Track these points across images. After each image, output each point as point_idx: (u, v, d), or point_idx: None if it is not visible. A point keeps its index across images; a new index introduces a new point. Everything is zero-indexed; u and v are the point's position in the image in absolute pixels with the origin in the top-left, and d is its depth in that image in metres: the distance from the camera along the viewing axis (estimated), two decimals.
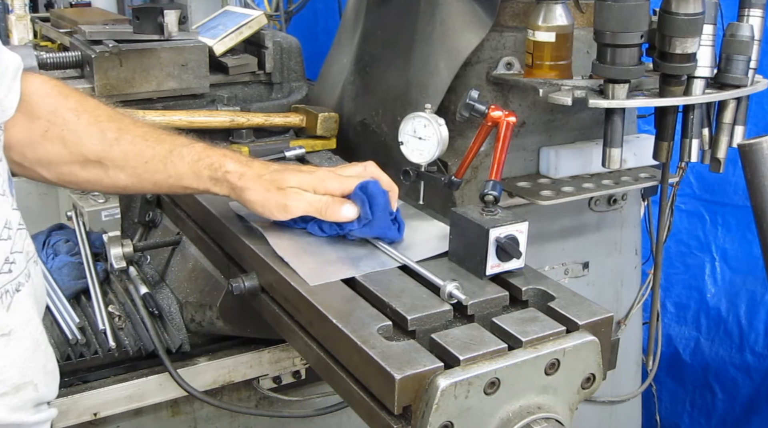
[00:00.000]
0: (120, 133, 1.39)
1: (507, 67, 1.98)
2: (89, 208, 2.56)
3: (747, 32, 1.80)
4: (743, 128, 1.93)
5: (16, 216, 1.17)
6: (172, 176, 1.40)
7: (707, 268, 3.28)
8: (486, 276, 1.30)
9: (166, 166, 1.40)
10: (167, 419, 1.79)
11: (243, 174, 1.39)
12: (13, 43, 3.43)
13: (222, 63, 2.33)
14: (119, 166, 1.39)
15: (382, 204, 1.40)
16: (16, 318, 1.14)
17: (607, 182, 2.06)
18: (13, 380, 1.14)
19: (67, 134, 1.35)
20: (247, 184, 1.38)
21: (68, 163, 1.37)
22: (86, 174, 1.39)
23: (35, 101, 1.31)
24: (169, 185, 1.42)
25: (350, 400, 1.20)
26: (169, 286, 1.82)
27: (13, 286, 1.14)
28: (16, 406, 1.15)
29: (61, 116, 1.34)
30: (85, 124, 1.36)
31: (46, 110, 1.33)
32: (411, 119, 1.68)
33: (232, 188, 1.40)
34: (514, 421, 1.10)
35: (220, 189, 1.41)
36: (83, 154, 1.37)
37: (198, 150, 1.42)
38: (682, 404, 3.37)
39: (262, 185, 1.38)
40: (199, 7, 3.34)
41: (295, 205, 1.38)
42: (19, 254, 1.16)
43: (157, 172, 1.40)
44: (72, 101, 1.37)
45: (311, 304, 1.26)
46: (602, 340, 1.17)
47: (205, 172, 1.40)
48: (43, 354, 1.21)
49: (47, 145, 1.34)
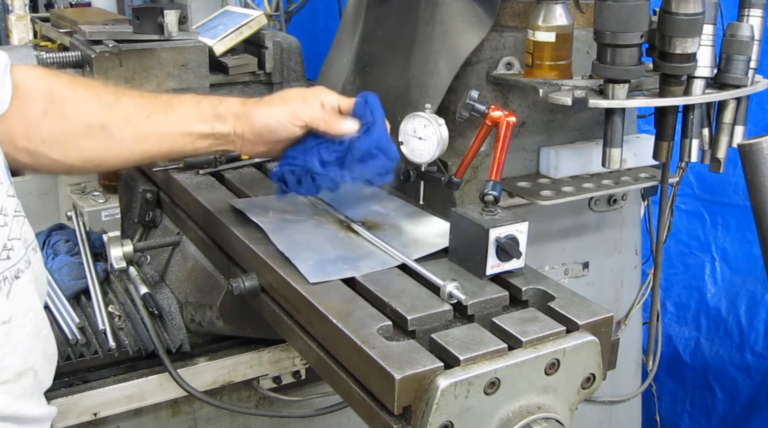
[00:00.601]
0: (116, 95, 1.42)
1: (507, 67, 1.98)
2: (89, 208, 2.56)
3: (747, 32, 1.80)
4: (743, 128, 1.93)
5: (11, 202, 1.17)
6: (176, 123, 1.42)
7: (707, 268, 3.28)
8: (486, 276, 1.30)
9: (168, 114, 1.42)
10: (167, 419, 1.79)
11: (244, 102, 1.45)
12: (13, 43, 3.43)
13: (222, 63, 2.34)
14: (122, 126, 1.40)
15: (382, 114, 1.44)
16: (17, 306, 1.14)
17: (607, 182, 2.06)
18: (14, 367, 1.14)
19: (67, 107, 1.36)
20: (250, 107, 1.44)
21: (73, 136, 1.37)
22: (93, 143, 1.39)
23: (28, 86, 1.32)
24: (174, 135, 1.43)
25: (350, 400, 1.20)
26: (169, 286, 1.82)
27: (12, 273, 1.14)
28: (18, 394, 1.16)
29: (57, 93, 1.36)
30: (82, 94, 1.39)
31: (41, 91, 1.34)
32: (411, 119, 1.68)
33: (237, 117, 1.43)
34: (514, 421, 1.10)
35: (224, 125, 1.44)
36: (86, 121, 1.38)
37: (196, 95, 1.49)
38: (682, 404, 3.37)
39: (265, 103, 1.46)
40: (199, 7, 3.34)
41: (302, 108, 1.43)
42: (17, 241, 1.16)
43: (160, 123, 1.42)
44: (64, 79, 1.41)
45: (311, 304, 1.26)
46: (602, 340, 1.17)
47: (208, 111, 1.43)
48: (43, 340, 1.22)
49: (49, 123, 1.35)
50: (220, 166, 1.87)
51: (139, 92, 1.47)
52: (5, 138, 1.27)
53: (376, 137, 1.43)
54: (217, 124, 1.43)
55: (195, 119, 1.43)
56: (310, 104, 1.45)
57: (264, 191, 1.73)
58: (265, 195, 1.70)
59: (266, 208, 1.59)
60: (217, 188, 1.78)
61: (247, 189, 1.76)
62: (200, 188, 1.76)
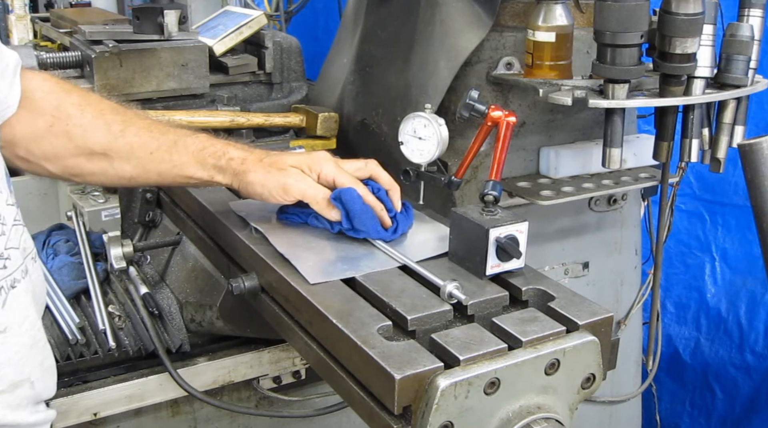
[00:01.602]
0: (124, 124, 1.41)
1: (507, 67, 1.98)
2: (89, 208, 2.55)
3: (747, 32, 1.80)
4: (743, 128, 1.93)
5: (10, 211, 1.16)
6: (177, 166, 1.43)
7: (707, 268, 3.28)
8: (486, 276, 1.30)
9: (171, 155, 1.42)
10: (167, 419, 1.79)
11: (245, 159, 1.44)
12: (13, 43, 3.43)
13: (222, 63, 2.34)
14: (124, 158, 1.41)
15: (359, 210, 1.40)
16: (12, 315, 1.14)
17: (607, 182, 2.06)
18: (9, 377, 1.14)
19: (72, 128, 1.36)
20: (248, 168, 1.42)
21: (74, 156, 1.38)
22: (91, 166, 1.40)
23: (38, 98, 1.32)
24: (173, 175, 1.44)
25: (350, 400, 1.20)
26: (169, 286, 1.82)
27: (9, 282, 1.13)
28: (13, 404, 1.15)
29: (65, 111, 1.36)
30: (90, 118, 1.38)
31: (49, 106, 1.34)
32: (411, 119, 1.68)
33: (235, 174, 1.43)
34: (514, 421, 1.10)
35: (223, 177, 1.44)
36: (89, 146, 1.38)
37: (202, 139, 1.46)
38: (682, 404, 3.37)
39: (262, 167, 1.42)
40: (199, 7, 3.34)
41: (293, 184, 1.41)
42: (15, 250, 1.15)
43: (162, 162, 1.42)
44: (75, 96, 1.39)
45: (311, 304, 1.26)
46: (602, 340, 1.17)
47: (210, 160, 1.43)
48: (40, 351, 1.21)
49: (52, 140, 1.35)
50: None
51: (148, 123, 1.45)
52: (6, 144, 1.27)
53: (362, 235, 1.43)
54: (216, 175, 1.44)
55: (196, 166, 1.43)
56: (304, 180, 1.42)
57: None
58: None
59: (265, 209, 1.59)
60: (217, 188, 1.78)
61: None
62: (200, 188, 1.76)
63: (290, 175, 1.41)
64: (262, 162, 1.43)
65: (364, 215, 1.41)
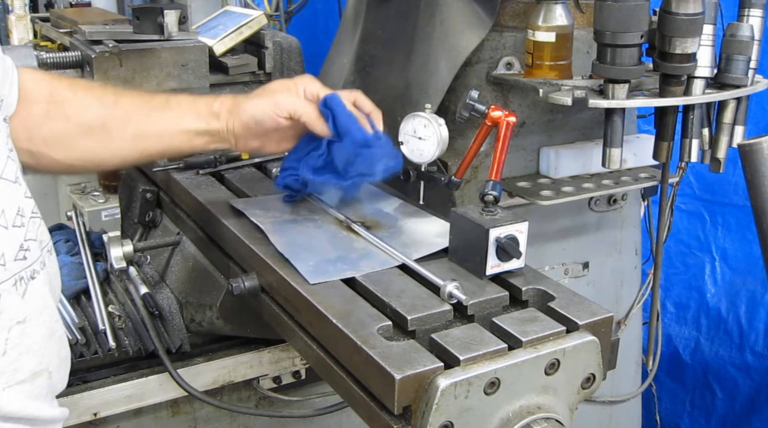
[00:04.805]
0: (116, 95, 1.47)
1: (507, 67, 1.98)
2: (89, 208, 2.56)
3: (747, 32, 1.80)
4: (743, 128, 1.92)
5: (29, 204, 1.19)
6: (173, 122, 1.48)
7: (707, 268, 3.28)
8: (486, 276, 1.30)
9: (166, 112, 1.48)
10: (167, 419, 1.79)
11: (235, 98, 1.52)
12: (13, 43, 3.43)
13: (222, 63, 2.34)
14: (122, 125, 1.44)
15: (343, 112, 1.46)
16: (32, 306, 1.16)
17: (607, 182, 2.06)
18: (29, 367, 1.15)
19: (68, 108, 1.40)
20: (240, 101, 1.50)
21: (74, 136, 1.41)
22: (93, 143, 1.43)
23: (30, 88, 1.35)
24: (172, 133, 1.48)
25: (350, 400, 1.20)
26: (169, 286, 1.82)
27: (28, 273, 1.15)
28: (33, 394, 1.16)
29: (59, 95, 1.40)
30: (83, 96, 1.43)
31: (42, 94, 1.37)
32: (411, 119, 1.68)
33: (230, 112, 1.48)
34: (514, 421, 1.10)
35: (218, 122, 1.49)
36: (86, 122, 1.42)
37: (191, 95, 1.55)
38: (682, 404, 3.37)
39: (254, 96, 1.51)
40: (199, 7, 3.34)
41: (285, 99, 1.48)
42: (33, 242, 1.17)
43: (158, 121, 1.47)
44: (65, 81, 1.47)
45: (311, 304, 1.26)
46: (602, 340, 1.17)
47: (204, 108, 1.49)
48: (57, 342, 1.23)
49: (51, 124, 1.38)
50: (220, 165, 1.87)
51: (138, 92, 1.53)
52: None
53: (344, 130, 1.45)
54: (212, 121, 1.49)
55: (191, 117, 1.48)
56: (293, 94, 1.50)
57: (264, 191, 1.73)
58: (265, 195, 1.70)
59: (266, 208, 1.59)
60: (217, 188, 1.78)
61: (247, 189, 1.76)
62: (200, 188, 1.77)
63: (280, 92, 1.50)
64: (253, 93, 1.52)
65: (348, 118, 1.46)
